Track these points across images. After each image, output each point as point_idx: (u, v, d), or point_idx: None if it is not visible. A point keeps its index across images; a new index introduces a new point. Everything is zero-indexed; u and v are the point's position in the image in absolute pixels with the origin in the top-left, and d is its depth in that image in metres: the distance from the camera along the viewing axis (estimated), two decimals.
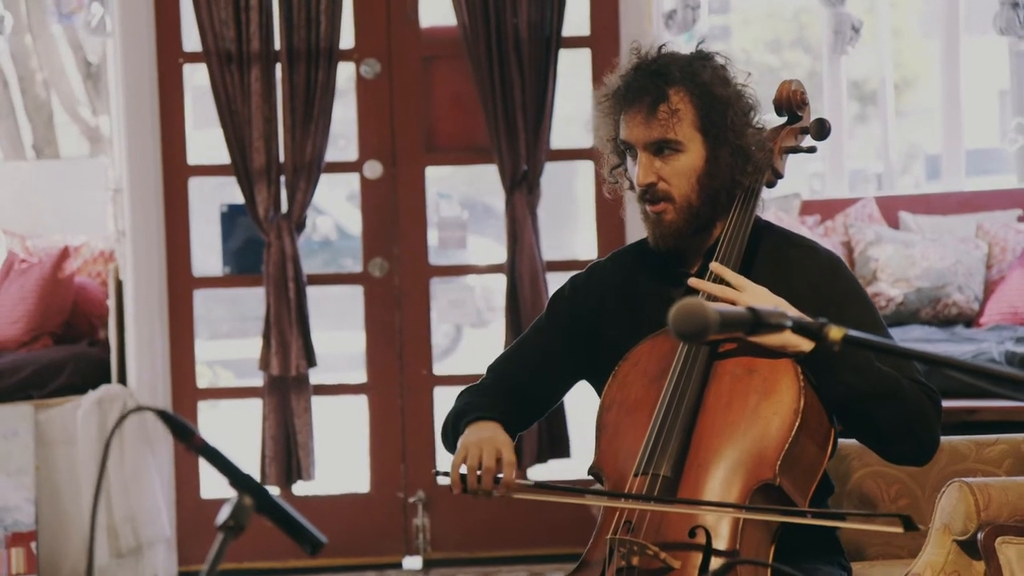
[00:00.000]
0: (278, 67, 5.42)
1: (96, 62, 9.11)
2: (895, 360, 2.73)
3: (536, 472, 5.58)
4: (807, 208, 6.11)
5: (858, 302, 2.79)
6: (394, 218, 5.61)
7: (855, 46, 6.35)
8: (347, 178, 8.68)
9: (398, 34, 5.58)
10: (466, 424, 2.81)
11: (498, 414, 2.82)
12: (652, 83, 2.75)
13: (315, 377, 5.55)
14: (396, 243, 5.61)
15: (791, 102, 2.89)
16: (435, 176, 5.75)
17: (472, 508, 5.57)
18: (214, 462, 1.88)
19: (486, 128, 5.45)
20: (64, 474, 5.45)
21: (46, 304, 5.82)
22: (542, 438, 5.47)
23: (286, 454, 5.44)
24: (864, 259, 5.79)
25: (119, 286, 5.59)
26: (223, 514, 1.83)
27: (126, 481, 5.38)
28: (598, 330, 2.90)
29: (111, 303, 5.61)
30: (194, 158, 5.64)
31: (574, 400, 5.51)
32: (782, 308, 2.45)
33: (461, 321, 5.86)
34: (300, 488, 5.56)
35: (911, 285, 5.74)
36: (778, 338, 2.63)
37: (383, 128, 5.59)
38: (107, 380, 5.59)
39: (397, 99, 5.58)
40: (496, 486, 2.72)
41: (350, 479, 5.78)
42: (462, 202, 10.45)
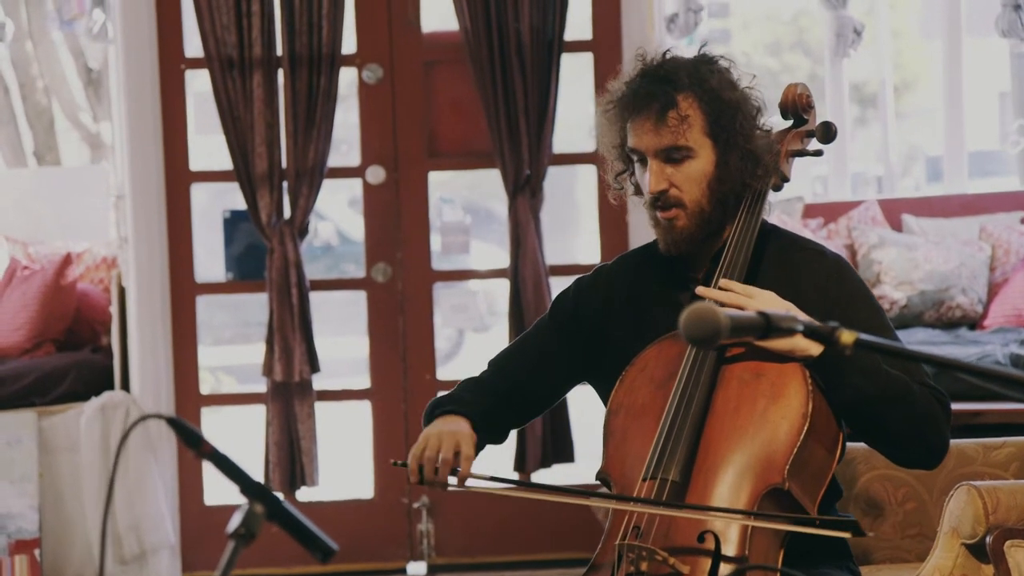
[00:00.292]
0: (280, 72, 5.42)
1: (97, 68, 9.10)
2: (904, 363, 2.72)
3: (540, 477, 5.57)
4: (810, 211, 6.10)
5: (866, 305, 2.79)
6: (397, 223, 5.60)
7: (857, 49, 6.34)
8: (348, 183, 8.68)
9: (400, 39, 5.58)
10: (437, 415, 2.82)
11: (473, 411, 2.82)
12: (660, 90, 2.73)
13: (318, 383, 5.54)
14: (399, 248, 5.60)
15: (797, 105, 2.87)
16: (437, 181, 5.74)
17: (477, 513, 5.56)
18: (224, 469, 1.87)
19: (488, 133, 5.44)
20: (67, 481, 5.44)
21: (48, 311, 5.82)
22: (546, 443, 5.46)
23: (290, 460, 5.43)
24: (867, 262, 5.78)
25: (122, 292, 5.59)
26: (234, 522, 1.82)
27: (130, 488, 5.37)
28: (603, 333, 2.89)
29: (114, 309, 5.60)
30: (196, 164, 5.64)
31: (578, 405, 5.53)
32: (792, 312, 2.45)
33: (464, 326, 5.85)
34: (304, 494, 5.55)
35: (914, 288, 5.73)
36: (787, 342, 2.62)
37: (385, 133, 5.58)
38: (110, 387, 5.58)
39: (399, 104, 5.58)
40: (452, 478, 2.72)
41: (354, 485, 5.77)
42: (464, 207, 10.44)
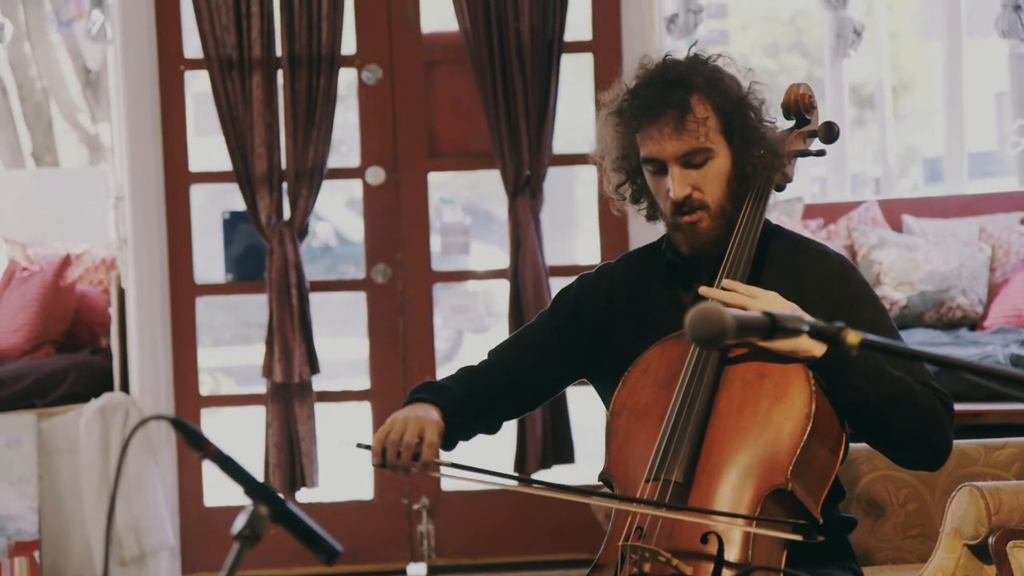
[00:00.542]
0: (280, 73, 5.41)
1: (95, 70, 9.10)
2: (906, 364, 2.71)
3: (539, 477, 5.55)
4: (810, 212, 6.10)
5: (869, 306, 2.78)
6: (396, 224, 5.59)
7: (857, 50, 6.33)
8: (346, 184, 8.68)
9: (400, 40, 5.57)
10: (410, 402, 2.83)
11: (447, 401, 2.82)
12: (674, 95, 2.71)
13: (318, 384, 5.53)
14: (399, 249, 5.59)
15: (799, 105, 2.87)
16: (436, 182, 5.73)
17: (477, 514, 5.56)
18: (228, 471, 1.86)
19: (488, 133, 5.44)
20: (67, 483, 5.44)
21: (48, 312, 5.81)
22: (546, 444, 5.45)
23: (289, 461, 5.43)
24: (867, 263, 5.77)
25: (121, 294, 5.58)
26: (239, 523, 1.81)
27: (130, 490, 5.37)
28: (604, 332, 2.89)
29: (113, 311, 5.60)
30: (196, 165, 5.63)
31: (578, 406, 5.52)
32: (797, 313, 2.44)
33: (465, 327, 5.84)
34: (304, 495, 5.54)
35: (915, 288, 5.73)
36: (790, 343, 2.62)
37: (385, 134, 5.58)
38: (109, 388, 5.58)
39: (399, 105, 5.57)
40: (414, 463, 2.72)
41: (354, 486, 5.76)
42: (463, 208, 10.43)
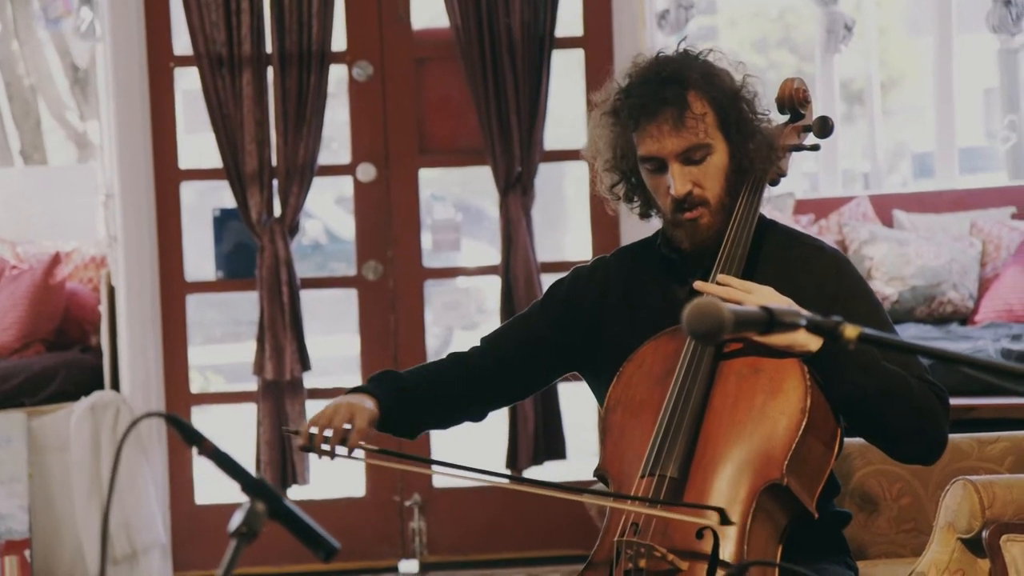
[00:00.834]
0: (270, 70, 5.40)
1: (83, 67, 9.08)
2: (901, 358, 2.71)
3: (532, 474, 5.55)
4: (801, 207, 6.10)
5: (865, 300, 2.78)
6: (387, 221, 5.58)
7: (848, 45, 6.34)
8: (336, 182, 8.64)
9: (390, 36, 5.56)
10: (350, 390, 2.83)
11: (387, 391, 2.80)
12: (672, 93, 2.71)
13: (309, 381, 5.52)
14: (390, 246, 5.58)
15: (794, 100, 2.87)
16: (425, 178, 5.72)
17: (469, 511, 5.55)
18: (225, 468, 1.85)
19: (479, 130, 5.43)
20: (58, 481, 5.42)
21: (37, 311, 5.79)
22: (538, 440, 5.45)
23: (281, 459, 5.42)
24: (859, 258, 5.78)
25: (111, 292, 5.56)
26: (235, 520, 1.80)
27: (121, 488, 5.35)
28: (598, 326, 2.89)
29: (103, 309, 5.58)
30: (186, 162, 5.61)
31: (570, 402, 5.52)
32: (794, 307, 2.44)
33: (456, 324, 5.83)
34: (295, 493, 5.54)
35: (906, 283, 5.73)
36: (786, 338, 2.61)
37: (376, 131, 5.57)
38: (100, 386, 5.56)
39: (390, 101, 5.56)
40: (341, 447, 2.72)
41: (346, 483, 5.75)
42: (454, 204, 10.42)
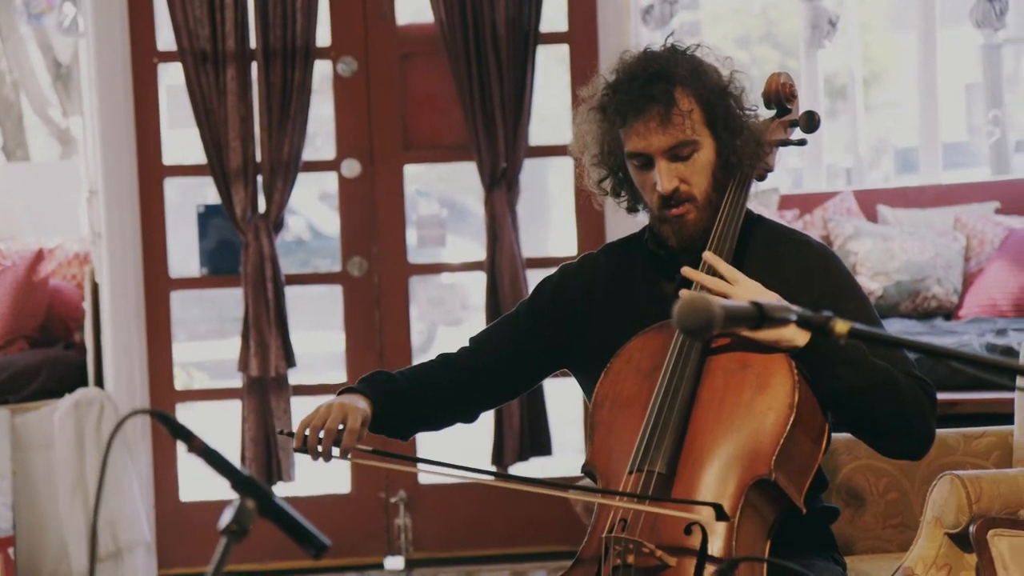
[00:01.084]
0: (254, 66, 5.38)
1: (66, 63, 9.05)
2: (889, 353, 2.71)
3: (517, 470, 5.55)
4: (786, 202, 6.11)
5: (852, 296, 2.78)
6: (372, 217, 5.57)
7: (832, 40, 6.34)
8: (319, 178, 8.63)
9: (375, 32, 5.55)
10: (343, 391, 2.82)
11: (379, 391, 2.80)
12: (658, 89, 2.71)
13: (294, 378, 5.51)
14: (375, 242, 5.57)
15: (780, 95, 2.87)
16: (410, 174, 5.72)
17: (454, 507, 5.55)
18: (215, 465, 1.85)
19: (464, 125, 5.42)
20: (42, 478, 5.40)
21: (20, 307, 5.77)
22: (524, 436, 5.45)
23: (266, 455, 5.41)
24: (843, 253, 5.79)
25: (95, 288, 5.55)
26: (225, 517, 1.79)
27: (105, 485, 5.34)
28: (586, 322, 2.88)
29: (87, 305, 5.56)
30: (170, 158, 5.60)
31: (556, 398, 5.51)
32: (783, 302, 2.43)
33: (441, 320, 5.83)
34: (281, 489, 5.52)
35: (890, 279, 5.74)
36: (773, 333, 2.61)
37: (360, 126, 5.55)
38: (83, 383, 5.54)
39: (374, 97, 5.55)
40: (335, 448, 2.72)
41: (331, 480, 5.73)
42: (437, 200, 10.42)
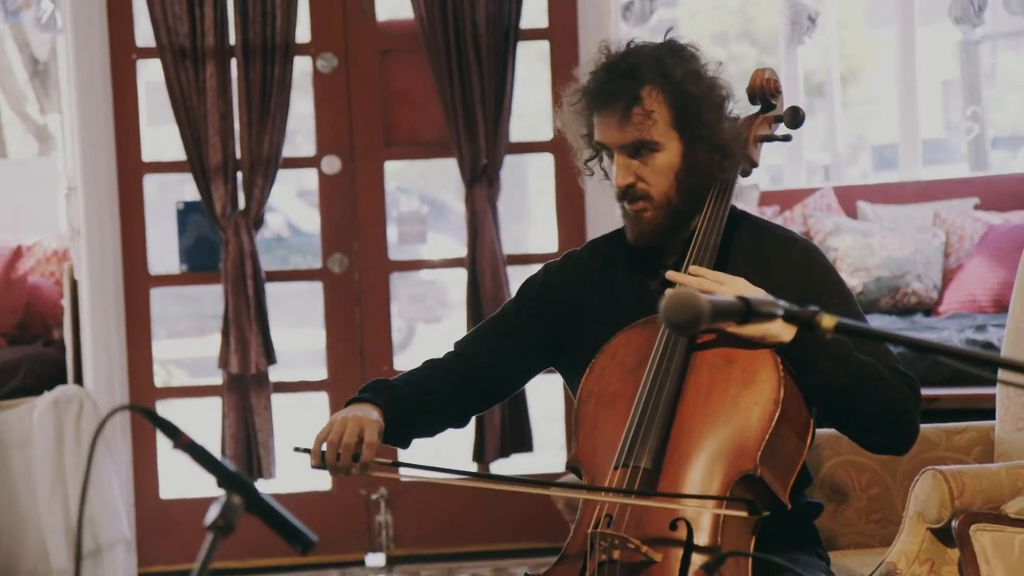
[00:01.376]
0: (233, 62, 5.36)
1: (43, 59, 9.01)
2: (873, 348, 2.71)
3: (499, 467, 5.55)
4: (766, 199, 6.12)
5: (837, 291, 2.78)
6: (353, 213, 5.56)
7: (812, 36, 6.35)
8: (297, 174, 8.62)
9: (355, 28, 5.54)
10: (351, 401, 2.80)
11: (388, 400, 2.78)
12: (623, 85, 2.71)
13: (275, 374, 5.50)
14: (355, 239, 5.56)
15: (765, 90, 2.88)
16: (390, 171, 5.70)
17: (435, 504, 5.54)
18: (201, 461, 1.84)
19: (445, 122, 5.41)
20: (20, 476, 5.38)
21: None
22: (505, 433, 5.44)
23: (246, 452, 5.39)
24: (823, 249, 5.77)
25: (74, 285, 5.52)
26: (212, 513, 1.79)
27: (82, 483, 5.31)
28: (572, 319, 2.88)
29: (66, 302, 5.54)
30: (149, 155, 5.58)
31: (537, 394, 5.51)
32: (769, 298, 2.44)
33: (422, 316, 5.82)
34: (261, 486, 5.50)
35: (870, 274, 5.76)
36: (759, 328, 2.61)
37: (341, 123, 5.54)
38: (63, 381, 5.51)
39: (355, 93, 5.53)
40: (354, 464, 2.69)
41: (312, 477, 5.71)
42: (418, 197, 10.40)
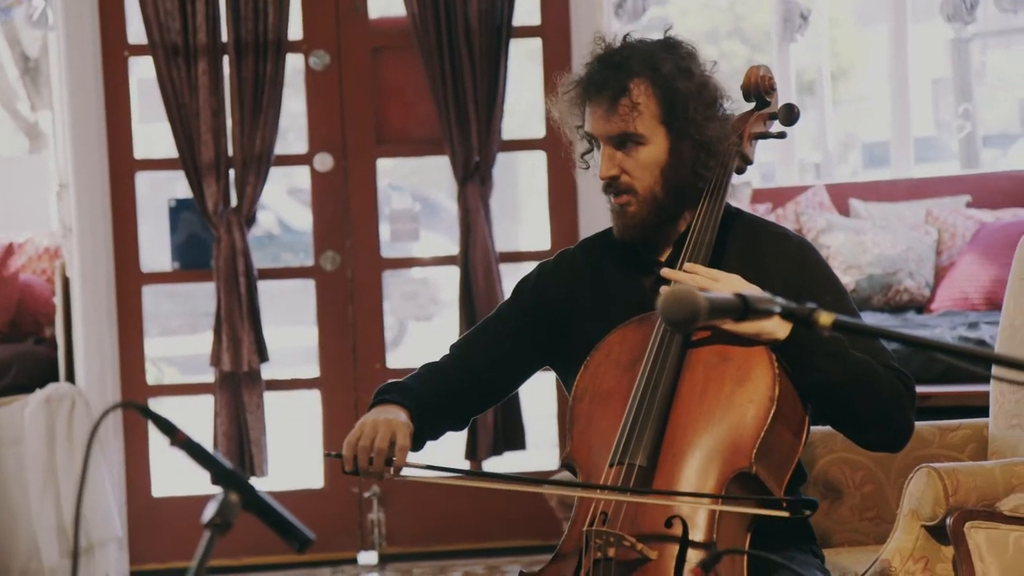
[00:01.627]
0: (226, 59, 5.35)
1: (34, 57, 8.99)
2: (868, 345, 2.71)
3: (491, 465, 5.55)
4: (758, 196, 6.12)
5: (831, 288, 2.79)
6: (345, 211, 5.56)
7: (804, 34, 6.35)
8: (288, 172, 8.60)
9: (347, 25, 5.53)
10: (377, 403, 2.78)
11: (414, 401, 2.77)
12: (612, 76, 2.72)
13: (267, 372, 5.49)
14: (348, 236, 5.56)
15: (759, 88, 2.88)
16: (383, 168, 5.70)
17: (428, 502, 5.54)
18: (197, 458, 1.84)
19: (437, 119, 5.41)
20: (12, 474, 5.37)
21: None
22: (497, 431, 5.44)
23: (239, 450, 5.39)
24: (815, 246, 5.80)
25: (66, 283, 5.51)
26: (209, 511, 1.79)
27: (76, 481, 5.31)
28: (566, 317, 2.88)
29: (58, 300, 5.53)
30: (141, 152, 5.57)
31: (529, 392, 5.49)
32: (766, 294, 2.44)
33: (414, 314, 5.81)
34: (253, 484, 5.50)
35: (863, 272, 5.76)
36: (754, 325, 2.61)
37: (333, 120, 5.53)
38: (55, 378, 5.51)
39: (347, 91, 5.53)
40: (387, 468, 2.68)
41: (304, 475, 5.73)
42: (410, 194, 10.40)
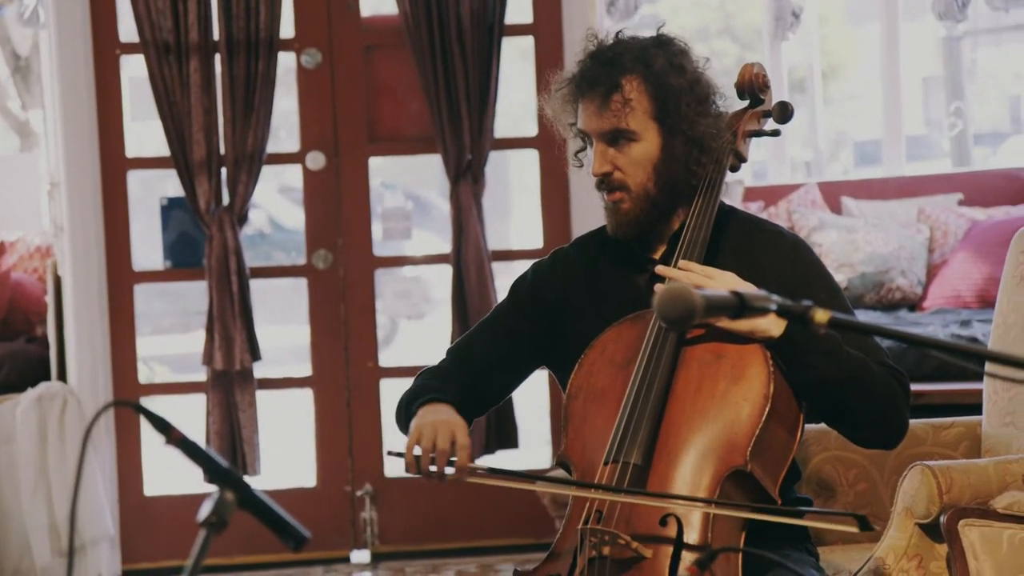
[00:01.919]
0: (217, 58, 5.35)
1: (24, 55, 8.97)
2: (862, 342, 2.72)
3: (483, 462, 5.54)
4: (750, 194, 6.12)
5: (825, 285, 2.79)
6: (338, 209, 5.55)
7: (795, 32, 6.36)
8: (280, 171, 8.59)
9: (339, 23, 5.52)
10: (420, 405, 2.76)
11: (452, 397, 2.78)
12: (604, 73, 2.72)
13: (259, 371, 5.48)
14: (340, 235, 5.55)
15: (753, 85, 2.88)
16: (375, 166, 5.69)
17: (420, 501, 5.54)
18: (193, 456, 1.83)
19: (429, 118, 5.40)
20: (4, 473, 5.37)
21: None
22: (490, 428, 5.44)
23: (231, 449, 5.38)
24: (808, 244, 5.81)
25: (57, 281, 5.50)
26: (204, 510, 1.78)
27: (68, 479, 5.30)
28: (562, 316, 2.88)
29: (49, 299, 5.52)
30: (132, 151, 5.56)
31: (522, 391, 5.49)
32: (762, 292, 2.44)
33: (406, 313, 5.81)
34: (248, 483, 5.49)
35: (855, 270, 5.77)
36: (749, 323, 2.61)
37: (325, 118, 5.53)
38: (46, 377, 5.50)
39: (339, 89, 5.52)
40: (450, 469, 2.67)
41: (296, 473, 5.73)
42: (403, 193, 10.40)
